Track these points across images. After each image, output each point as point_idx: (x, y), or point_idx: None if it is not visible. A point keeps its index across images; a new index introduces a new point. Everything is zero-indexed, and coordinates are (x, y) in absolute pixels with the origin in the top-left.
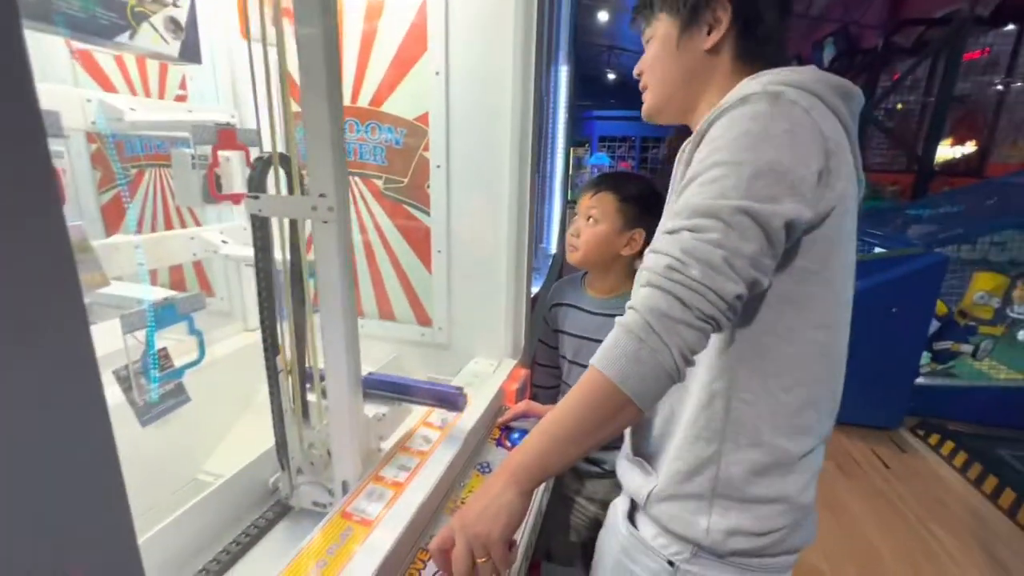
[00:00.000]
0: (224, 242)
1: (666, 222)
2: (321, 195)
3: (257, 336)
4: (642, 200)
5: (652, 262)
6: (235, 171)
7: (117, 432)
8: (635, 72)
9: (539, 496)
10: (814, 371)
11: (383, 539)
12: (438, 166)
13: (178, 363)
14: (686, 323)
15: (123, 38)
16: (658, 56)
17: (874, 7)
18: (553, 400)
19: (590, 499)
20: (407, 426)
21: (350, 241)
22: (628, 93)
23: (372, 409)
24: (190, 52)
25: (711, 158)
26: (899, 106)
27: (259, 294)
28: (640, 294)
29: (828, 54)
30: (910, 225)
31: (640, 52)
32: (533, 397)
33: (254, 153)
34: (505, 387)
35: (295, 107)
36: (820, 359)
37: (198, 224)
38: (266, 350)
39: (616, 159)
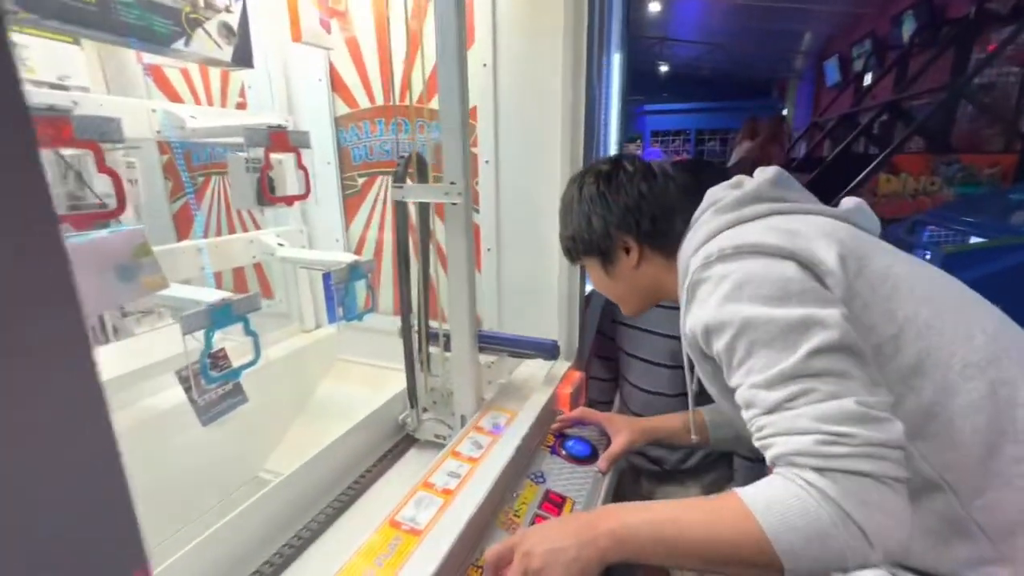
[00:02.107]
0: (280, 245)
1: (748, 413)
2: (452, 183)
3: (313, 337)
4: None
5: (784, 448)
6: (287, 173)
7: (181, 433)
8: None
9: (607, 477)
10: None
11: (432, 553)
12: (487, 162)
13: (236, 364)
14: (879, 507)
15: (179, 45)
16: (600, 283)
17: None
18: (609, 394)
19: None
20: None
21: (472, 220)
22: (681, 85)
23: (483, 359)
24: (242, 56)
25: (729, 337)
26: (1004, 79)
27: (399, 265)
28: (810, 483)
29: (908, 28)
30: (1013, 212)
31: (695, 41)
32: (588, 389)
33: (306, 155)
34: (559, 391)
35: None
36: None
37: (258, 228)
38: (402, 310)
39: (670, 153)
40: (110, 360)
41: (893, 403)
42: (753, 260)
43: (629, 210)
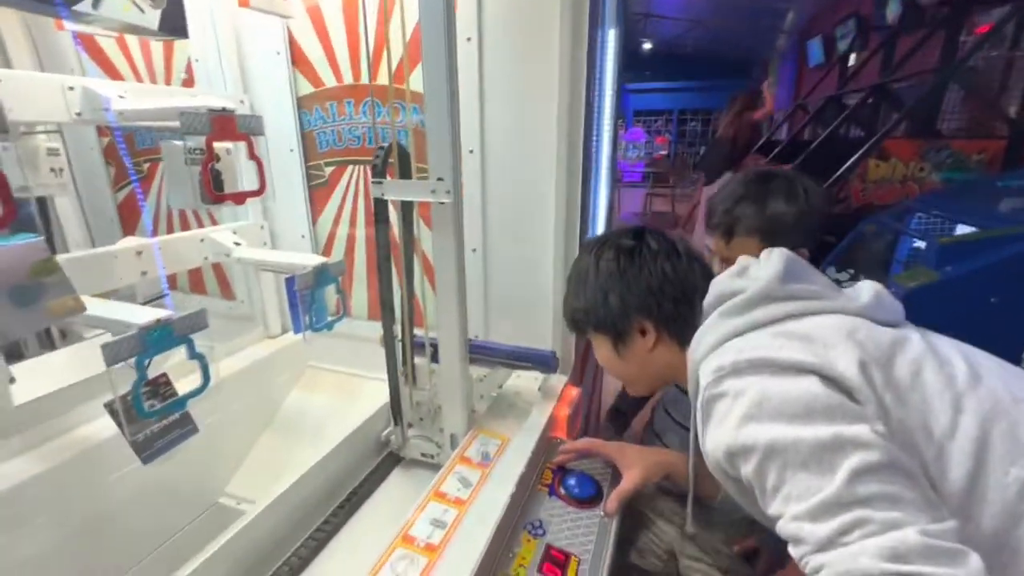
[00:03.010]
0: (237, 244)
1: (797, 550)
2: (439, 179)
3: (280, 343)
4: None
5: None
6: (237, 165)
7: (115, 469)
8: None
9: (616, 519)
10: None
11: None
12: (471, 151)
13: (182, 390)
14: None
15: (84, 7)
16: (608, 361)
17: None
18: (622, 424)
19: (669, 520)
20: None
21: (461, 220)
22: (664, 64)
23: (474, 371)
24: (173, 24)
25: (756, 462)
26: (992, 62)
27: (379, 269)
28: None
29: (893, 11)
30: (1002, 199)
31: (684, 18)
32: (612, 419)
33: (261, 143)
34: (556, 413)
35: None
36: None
37: (215, 223)
38: (384, 319)
39: (652, 134)
40: (52, 371)
41: (960, 528)
42: (770, 377)
43: (651, 291)
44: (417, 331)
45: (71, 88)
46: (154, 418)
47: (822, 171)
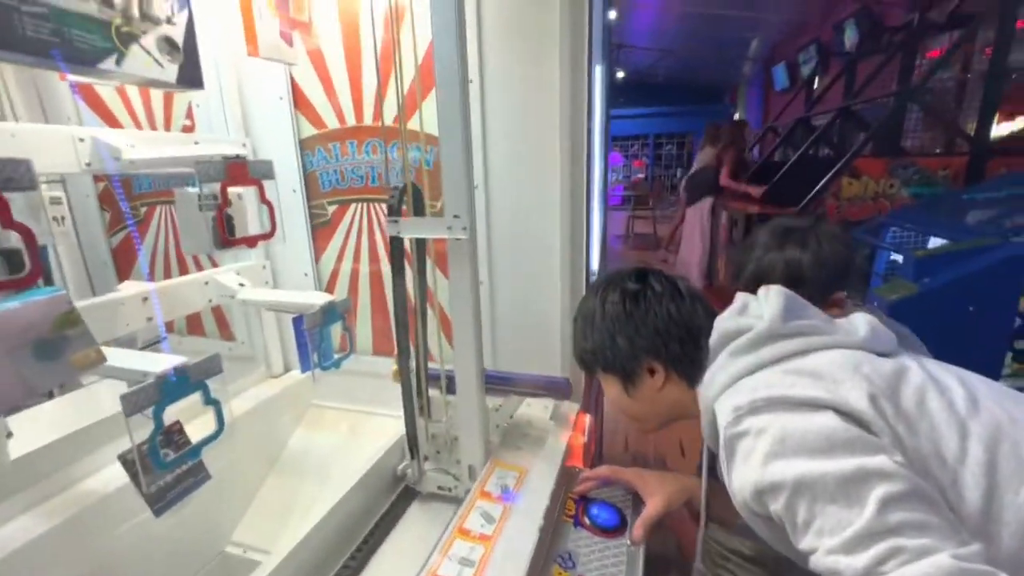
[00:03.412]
0: (241, 285)
1: None
2: (455, 216)
3: (282, 383)
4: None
5: None
6: (249, 209)
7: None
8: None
9: (642, 547)
10: None
11: None
12: (476, 186)
13: (196, 438)
14: None
15: (108, 64)
16: (618, 400)
17: None
18: None
19: None
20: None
21: (476, 254)
22: (638, 91)
23: (488, 401)
24: (190, 76)
25: (785, 498)
26: (946, 83)
27: (395, 304)
28: None
29: (851, 37)
30: (968, 212)
31: (654, 48)
32: None
33: (270, 186)
34: (572, 443)
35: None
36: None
37: (215, 265)
38: (400, 354)
39: (630, 157)
40: (51, 420)
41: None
42: (787, 413)
43: (658, 333)
44: (431, 364)
45: (81, 139)
46: (169, 469)
47: (796, 190)
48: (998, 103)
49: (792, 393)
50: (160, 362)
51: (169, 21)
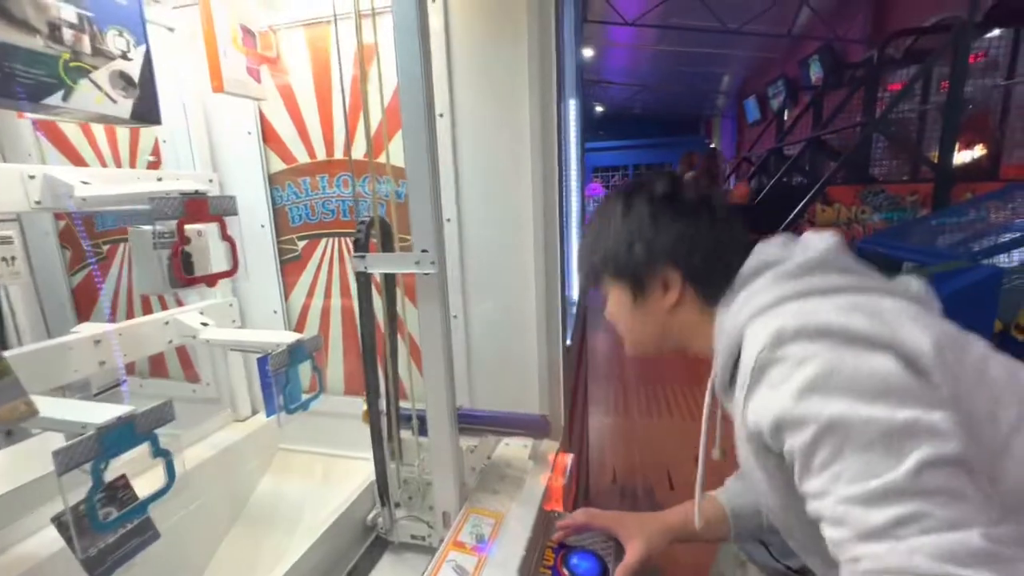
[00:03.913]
0: (204, 324)
1: (836, 532)
2: (423, 250)
3: (249, 427)
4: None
5: None
6: (209, 247)
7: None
8: (606, 316)
9: None
10: None
11: None
12: (448, 220)
13: (143, 492)
14: None
15: (54, 99)
16: (619, 314)
17: (856, 22)
18: None
19: None
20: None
21: (447, 289)
22: (617, 124)
23: (463, 442)
24: (145, 111)
25: (810, 435)
26: (907, 114)
27: (363, 343)
28: None
29: (815, 72)
30: (937, 236)
31: (631, 83)
32: None
33: (233, 222)
34: (551, 485)
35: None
36: None
37: (180, 303)
38: (369, 394)
39: (610, 187)
40: None
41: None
42: (841, 347)
43: (683, 239)
44: (402, 404)
45: (31, 177)
46: (110, 529)
47: (773, 216)
48: (958, 131)
49: (850, 325)
50: (102, 412)
51: (124, 56)
